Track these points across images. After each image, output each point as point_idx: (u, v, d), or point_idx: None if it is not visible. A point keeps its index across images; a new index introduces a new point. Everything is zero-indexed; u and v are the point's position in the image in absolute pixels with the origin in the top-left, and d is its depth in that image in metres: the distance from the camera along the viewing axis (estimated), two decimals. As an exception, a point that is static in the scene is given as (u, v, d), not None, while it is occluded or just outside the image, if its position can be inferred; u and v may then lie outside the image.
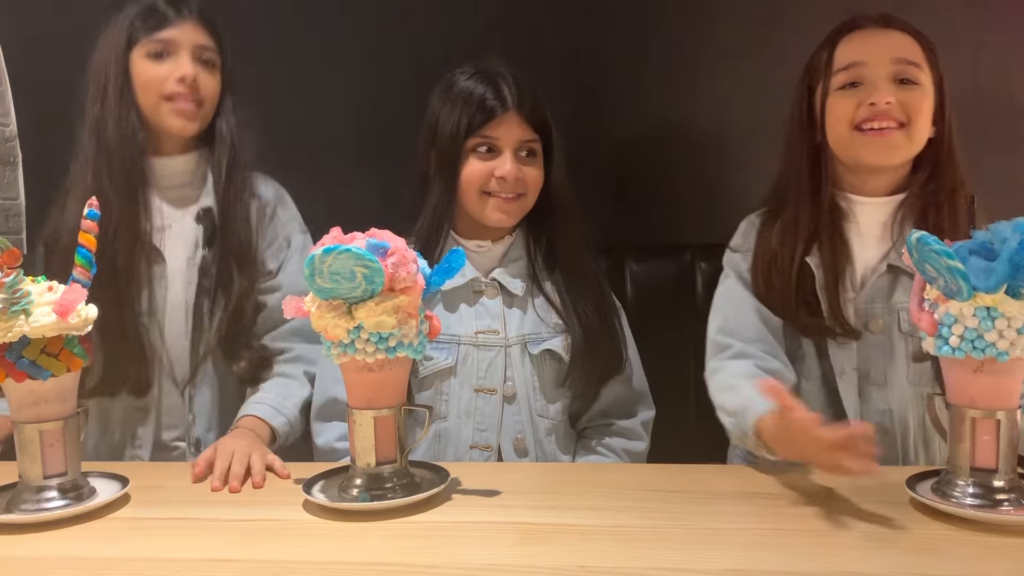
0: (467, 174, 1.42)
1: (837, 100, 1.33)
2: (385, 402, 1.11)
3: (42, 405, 1.10)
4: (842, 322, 1.32)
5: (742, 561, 0.92)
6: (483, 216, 1.44)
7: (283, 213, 1.57)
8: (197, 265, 1.49)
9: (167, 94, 1.44)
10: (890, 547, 0.95)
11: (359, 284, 1.05)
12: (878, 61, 1.30)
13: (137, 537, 1.05)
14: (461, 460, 1.40)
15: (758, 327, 1.35)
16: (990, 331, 0.96)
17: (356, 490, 1.11)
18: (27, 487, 1.11)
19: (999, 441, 1.00)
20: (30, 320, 1.06)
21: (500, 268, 1.48)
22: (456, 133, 1.41)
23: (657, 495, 1.14)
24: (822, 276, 1.33)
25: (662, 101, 1.90)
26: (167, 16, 1.44)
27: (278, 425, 1.40)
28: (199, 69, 1.45)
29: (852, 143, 1.32)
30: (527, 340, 1.45)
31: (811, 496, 1.11)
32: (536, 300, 1.47)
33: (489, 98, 1.40)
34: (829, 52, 1.34)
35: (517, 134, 1.42)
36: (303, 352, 1.50)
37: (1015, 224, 0.96)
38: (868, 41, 1.32)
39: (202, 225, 1.50)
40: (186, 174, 1.52)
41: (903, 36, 1.32)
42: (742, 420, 1.19)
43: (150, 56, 1.44)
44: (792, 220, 1.36)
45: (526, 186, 1.43)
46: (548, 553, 0.95)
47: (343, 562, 0.96)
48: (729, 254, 1.45)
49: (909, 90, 1.30)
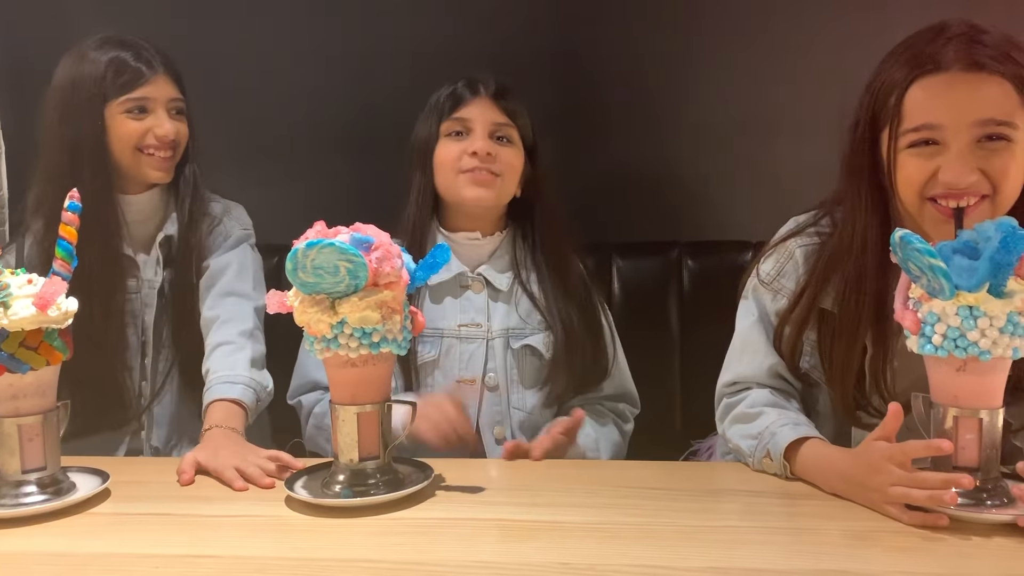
0: (440, 156, 1.47)
1: (907, 160, 1.11)
2: (368, 398, 1.11)
3: (21, 399, 1.09)
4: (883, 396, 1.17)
5: (725, 559, 0.92)
6: (460, 196, 1.46)
7: (227, 220, 1.60)
8: (156, 288, 1.54)
9: (146, 149, 1.50)
10: (873, 545, 0.96)
11: (343, 279, 1.04)
12: (959, 125, 1.08)
13: (117, 532, 1.04)
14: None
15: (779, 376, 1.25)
16: (972, 330, 0.96)
17: (339, 486, 1.10)
18: (5, 482, 1.10)
19: (982, 440, 1.00)
20: (9, 313, 1.05)
21: (487, 263, 1.49)
22: (430, 121, 1.48)
23: (640, 492, 1.13)
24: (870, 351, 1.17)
25: (650, 96, 1.89)
26: (141, 73, 1.48)
27: (238, 395, 1.37)
28: (173, 121, 1.51)
29: (924, 215, 1.13)
30: (510, 335, 1.47)
31: (795, 494, 1.11)
32: (520, 298, 1.49)
33: (460, 86, 1.48)
34: (899, 96, 1.11)
35: (489, 116, 1.46)
36: (232, 314, 1.49)
37: (998, 223, 0.96)
38: (948, 95, 1.08)
39: (162, 251, 1.55)
40: (149, 210, 1.56)
41: (993, 84, 1.08)
42: (768, 442, 1.15)
43: (128, 113, 1.48)
44: (855, 283, 1.17)
45: (501, 165, 1.45)
46: (531, 550, 0.95)
47: (325, 558, 0.95)
48: (756, 284, 1.28)
49: (994, 151, 1.09)
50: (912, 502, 0.99)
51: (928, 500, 0.98)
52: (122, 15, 1.90)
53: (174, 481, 1.20)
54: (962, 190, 1.09)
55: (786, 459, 1.14)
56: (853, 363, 1.18)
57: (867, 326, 1.17)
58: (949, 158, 1.09)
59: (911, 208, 1.14)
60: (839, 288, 1.19)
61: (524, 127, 1.50)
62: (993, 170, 1.09)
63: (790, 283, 1.25)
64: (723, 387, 1.30)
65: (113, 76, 1.47)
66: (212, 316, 1.49)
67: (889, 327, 1.16)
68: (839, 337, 1.19)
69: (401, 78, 1.87)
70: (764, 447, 1.16)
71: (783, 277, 1.26)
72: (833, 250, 1.21)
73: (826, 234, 1.24)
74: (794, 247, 1.26)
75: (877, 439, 1.04)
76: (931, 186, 1.11)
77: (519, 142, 1.49)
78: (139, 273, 1.54)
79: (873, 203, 1.17)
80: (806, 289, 1.22)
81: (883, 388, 1.18)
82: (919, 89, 1.10)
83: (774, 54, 1.79)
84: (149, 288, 1.54)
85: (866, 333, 1.18)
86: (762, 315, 1.27)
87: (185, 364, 1.53)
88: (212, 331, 1.48)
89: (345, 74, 1.92)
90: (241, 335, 1.46)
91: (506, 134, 1.47)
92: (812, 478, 1.12)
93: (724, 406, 1.28)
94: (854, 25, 1.78)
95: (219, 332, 1.47)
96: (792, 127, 1.83)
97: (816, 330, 1.23)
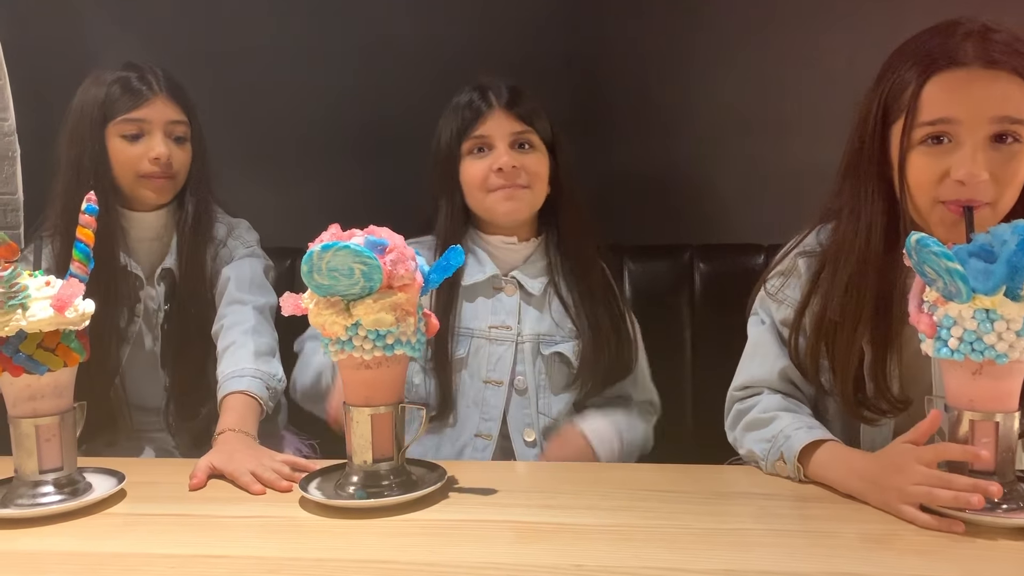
0: (466, 176, 1.46)
1: (918, 158, 1.10)
2: (382, 399, 1.11)
3: (38, 400, 1.10)
4: (888, 398, 1.17)
5: (739, 561, 0.92)
6: (493, 214, 1.47)
7: (231, 241, 1.61)
8: (159, 323, 1.56)
9: (142, 173, 1.51)
10: (888, 548, 0.95)
11: (357, 281, 1.05)
12: (975, 120, 1.07)
13: (133, 533, 1.04)
14: (466, 447, 1.45)
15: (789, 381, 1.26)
16: (989, 333, 0.95)
17: (353, 487, 1.11)
18: (23, 482, 1.11)
19: (998, 444, 1.00)
20: (27, 314, 1.06)
21: (521, 267, 1.51)
22: (450, 141, 1.47)
23: (654, 495, 1.13)
24: (871, 354, 1.17)
25: (661, 99, 1.89)
26: (140, 93, 1.51)
27: (246, 386, 1.38)
28: (171, 145, 1.52)
29: (933, 216, 1.12)
30: (541, 340, 1.48)
31: (808, 497, 1.11)
32: (553, 303, 1.50)
33: (475, 100, 1.47)
34: (915, 91, 1.09)
35: (507, 127, 1.45)
36: (234, 319, 1.50)
37: (1014, 226, 0.96)
38: (965, 90, 1.07)
39: (163, 284, 1.56)
40: (156, 228, 1.57)
41: (1010, 82, 1.07)
42: (783, 444, 1.15)
43: (124, 137, 1.51)
44: (856, 283, 1.16)
45: (528, 175, 1.46)
46: (545, 552, 0.95)
47: (339, 559, 0.95)
48: (764, 296, 1.29)
49: (1006, 153, 1.08)
50: (935, 503, 0.98)
51: (953, 501, 0.97)
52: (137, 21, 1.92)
53: (188, 482, 1.20)
54: (971, 192, 1.07)
55: (800, 462, 1.14)
56: (852, 364, 1.18)
57: (867, 327, 1.16)
58: (963, 154, 1.07)
59: (921, 208, 1.13)
60: (840, 289, 1.18)
61: (543, 129, 1.49)
62: (1002, 173, 1.08)
63: (794, 293, 1.26)
64: (734, 391, 1.30)
65: (112, 98, 1.50)
66: (217, 328, 1.51)
67: (891, 328, 1.15)
68: (839, 337, 1.18)
69: (416, 80, 1.87)
70: (778, 450, 1.16)
71: (787, 288, 1.27)
72: (835, 251, 1.20)
73: (827, 243, 1.24)
74: (798, 260, 1.27)
75: (906, 442, 1.04)
76: (943, 188, 1.09)
77: (541, 144, 1.49)
78: (142, 294, 1.55)
79: (878, 201, 1.16)
80: (811, 295, 1.22)
81: (885, 389, 1.17)
82: (936, 84, 1.09)
83: (786, 56, 1.78)
84: (152, 318, 1.56)
85: (865, 334, 1.17)
86: (771, 323, 1.28)
87: (183, 399, 1.55)
88: (219, 341, 1.49)
89: (360, 76, 1.92)
90: (243, 334, 1.47)
91: (527, 140, 1.47)
92: (827, 478, 1.12)
93: (735, 412, 1.28)
94: (865, 28, 1.77)
95: (224, 339, 1.49)
96: (804, 129, 1.83)
97: (824, 336, 1.21)
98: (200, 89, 1.62)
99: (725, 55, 1.86)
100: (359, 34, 1.93)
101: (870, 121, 1.15)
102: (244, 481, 1.18)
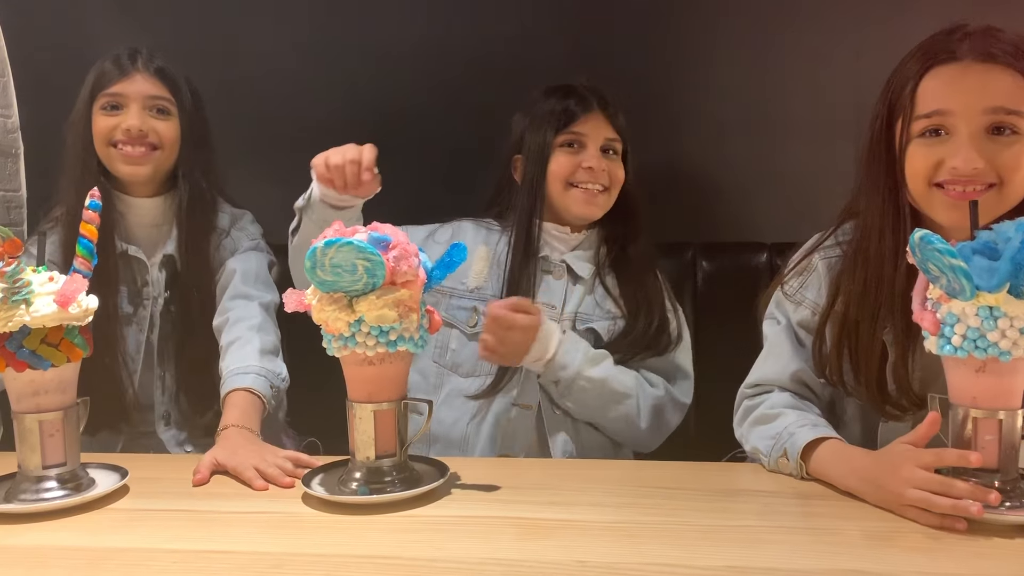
0: (555, 168, 1.53)
1: (916, 150, 1.13)
2: (385, 396, 1.11)
3: (42, 395, 1.10)
4: (910, 397, 1.17)
5: (742, 558, 0.92)
6: (568, 209, 1.54)
7: (235, 232, 1.62)
8: (159, 310, 1.57)
9: (113, 142, 1.53)
10: (891, 545, 0.95)
11: (360, 277, 1.05)
12: (969, 111, 1.09)
13: (136, 528, 1.04)
14: (502, 418, 1.50)
15: (801, 383, 1.26)
16: (993, 331, 0.95)
17: (355, 483, 1.11)
18: (26, 477, 1.11)
19: (1001, 441, 1.00)
20: (31, 310, 1.06)
21: (571, 253, 1.57)
22: (545, 132, 1.53)
23: (657, 492, 1.13)
24: (893, 353, 1.17)
25: (665, 98, 1.89)
26: (122, 68, 1.54)
27: (250, 384, 1.38)
28: (151, 118, 1.54)
29: (931, 202, 1.13)
30: (578, 317, 1.53)
31: (812, 494, 1.11)
32: (597, 288, 1.56)
33: (576, 99, 1.54)
34: (913, 86, 1.12)
35: (602, 131, 1.55)
36: (240, 314, 1.51)
37: (1018, 223, 0.95)
38: (960, 82, 1.10)
39: (165, 271, 1.57)
40: (154, 215, 1.59)
41: (1005, 75, 1.09)
42: (786, 441, 1.16)
43: (104, 109, 1.54)
44: (875, 282, 1.17)
45: (610, 180, 1.54)
46: (548, 548, 0.95)
47: (342, 555, 0.95)
48: (781, 297, 1.30)
49: (1004, 144, 1.09)
50: (934, 509, 0.98)
51: (952, 509, 0.97)
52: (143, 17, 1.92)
53: (191, 478, 1.20)
54: (968, 177, 1.09)
55: (802, 459, 1.14)
56: (874, 363, 1.18)
57: (887, 325, 1.17)
58: (957, 143, 1.10)
59: (918, 196, 1.14)
60: (858, 288, 1.19)
61: (627, 139, 1.57)
62: (1002, 163, 1.09)
63: (811, 294, 1.27)
64: (745, 388, 1.30)
65: (98, 75, 1.54)
66: (222, 321, 1.51)
67: (910, 327, 1.14)
68: (861, 336, 1.18)
69: (425, 76, 1.88)
70: (781, 447, 1.16)
71: (805, 289, 1.27)
72: (853, 250, 1.21)
73: (847, 242, 1.24)
74: (817, 260, 1.27)
75: (906, 443, 1.04)
76: (938, 175, 1.11)
77: (622, 152, 1.57)
78: (148, 277, 1.56)
79: (890, 197, 1.17)
80: (837, 297, 1.22)
81: (907, 388, 1.17)
82: (932, 77, 1.12)
83: (791, 57, 1.78)
84: (155, 305, 1.57)
85: (885, 332, 1.17)
86: (787, 324, 1.29)
87: (190, 384, 1.56)
88: (223, 335, 1.49)
89: (368, 71, 1.93)
90: (249, 330, 1.48)
91: (613, 147, 1.56)
92: (827, 475, 1.12)
93: (744, 408, 1.28)
94: (872, 29, 1.78)
95: (229, 333, 1.49)
96: (807, 130, 1.83)
97: (847, 335, 1.21)
98: (205, 84, 1.62)
99: (732, 56, 1.87)
100: (366, 30, 1.93)
101: (879, 119, 1.18)
102: (247, 477, 1.18)
